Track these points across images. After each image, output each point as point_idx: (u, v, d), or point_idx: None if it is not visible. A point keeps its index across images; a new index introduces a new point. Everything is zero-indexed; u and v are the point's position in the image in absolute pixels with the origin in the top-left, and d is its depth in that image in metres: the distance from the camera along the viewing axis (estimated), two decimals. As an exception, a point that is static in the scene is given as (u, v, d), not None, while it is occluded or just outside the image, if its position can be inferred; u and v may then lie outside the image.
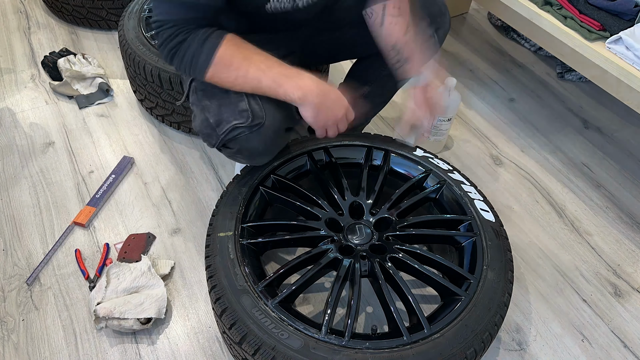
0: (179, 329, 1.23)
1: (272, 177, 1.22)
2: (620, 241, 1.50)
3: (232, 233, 1.07)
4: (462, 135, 1.78)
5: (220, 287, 0.99)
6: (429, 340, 0.94)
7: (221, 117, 1.07)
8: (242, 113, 1.05)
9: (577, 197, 1.61)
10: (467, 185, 1.23)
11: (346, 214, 1.19)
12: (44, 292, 1.28)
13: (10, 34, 2.09)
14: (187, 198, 1.52)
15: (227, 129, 1.07)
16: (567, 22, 1.45)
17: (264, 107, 1.06)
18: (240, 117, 1.05)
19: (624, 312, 1.33)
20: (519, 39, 2.21)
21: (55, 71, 1.84)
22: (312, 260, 1.09)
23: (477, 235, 1.12)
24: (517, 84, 2.01)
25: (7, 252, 1.36)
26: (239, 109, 1.06)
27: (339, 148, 1.29)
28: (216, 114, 1.08)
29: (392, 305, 1.01)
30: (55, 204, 1.48)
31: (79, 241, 1.39)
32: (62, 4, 2.06)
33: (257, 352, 0.91)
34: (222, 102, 1.07)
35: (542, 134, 1.81)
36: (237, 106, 1.06)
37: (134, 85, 1.68)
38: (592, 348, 1.26)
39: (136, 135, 1.70)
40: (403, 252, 1.11)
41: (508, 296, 1.04)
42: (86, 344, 1.19)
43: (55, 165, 1.59)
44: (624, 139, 1.82)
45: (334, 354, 0.90)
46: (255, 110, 1.05)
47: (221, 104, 1.08)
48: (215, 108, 1.08)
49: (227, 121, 1.06)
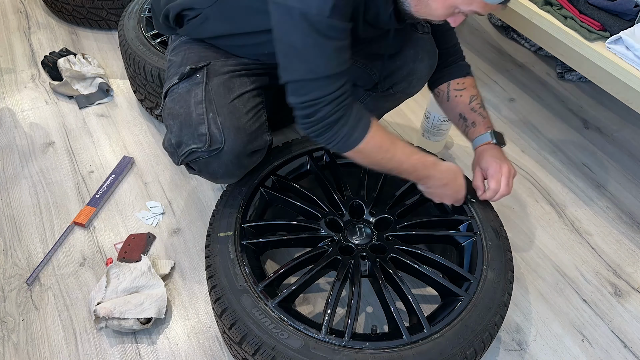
0: (179, 329, 1.23)
1: (272, 177, 1.22)
2: (620, 241, 1.50)
3: (232, 233, 1.08)
4: (462, 135, 1.78)
5: (220, 287, 0.99)
6: (429, 340, 0.94)
7: (181, 139, 1.06)
8: (201, 137, 1.03)
9: (577, 197, 1.61)
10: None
11: (346, 214, 1.19)
12: (44, 292, 1.28)
13: (10, 34, 2.09)
14: (187, 198, 1.51)
15: (186, 151, 1.06)
16: (567, 22, 1.45)
17: (225, 131, 1.03)
18: (199, 141, 1.04)
19: (624, 312, 1.33)
20: (519, 39, 2.21)
21: (55, 71, 1.84)
22: (312, 261, 1.09)
23: (477, 235, 1.12)
24: (517, 84, 2.01)
25: (7, 252, 1.36)
26: (197, 132, 1.04)
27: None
28: (177, 135, 1.06)
29: (392, 305, 1.01)
30: (55, 204, 1.48)
31: (79, 241, 1.39)
32: (62, 4, 2.06)
33: (257, 352, 0.91)
34: (183, 123, 1.05)
35: (542, 134, 1.81)
36: (196, 129, 1.04)
37: (134, 85, 1.68)
38: (592, 348, 1.26)
39: (136, 135, 1.70)
40: (403, 252, 1.11)
41: (508, 296, 1.04)
42: (86, 344, 1.19)
43: (55, 165, 1.59)
44: (624, 139, 1.81)
45: (334, 354, 0.90)
46: (214, 135, 1.03)
47: (182, 125, 1.06)
48: (176, 129, 1.06)
49: (185, 144, 1.05)
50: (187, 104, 1.06)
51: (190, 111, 1.05)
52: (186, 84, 1.08)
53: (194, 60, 1.12)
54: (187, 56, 1.13)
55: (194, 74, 1.09)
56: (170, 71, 1.15)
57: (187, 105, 1.06)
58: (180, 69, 1.10)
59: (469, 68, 1.29)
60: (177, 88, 1.09)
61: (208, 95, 1.06)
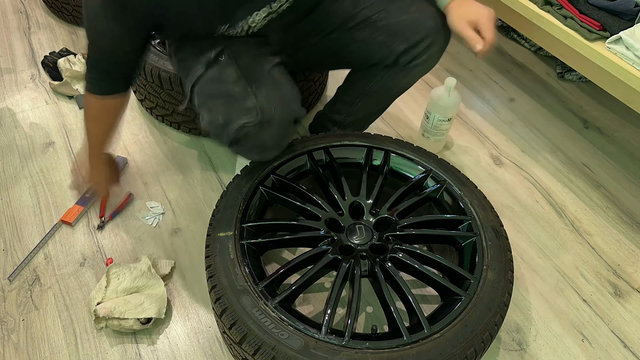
0: (179, 329, 1.23)
1: (272, 177, 1.22)
2: (620, 241, 1.50)
3: (232, 233, 1.07)
4: (462, 135, 1.78)
5: (220, 287, 0.99)
6: (429, 340, 0.94)
7: (230, 116, 1.08)
8: (250, 110, 1.06)
9: (577, 197, 1.61)
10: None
11: (346, 214, 1.19)
12: (44, 292, 1.28)
13: (10, 34, 2.09)
14: (187, 198, 1.52)
15: (237, 127, 1.07)
16: (567, 22, 1.45)
17: (272, 101, 1.07)
18: (249, 115, 1.06)
19: (624, 312, 1.33)
20: (519, 39, 2.21)
21: (55, 71, 1.84)
22: (312, 260, 1.09)
23: (477, 235, 1.12)
24: (517, 84, 2.01)
25: (7, 252, 1.36)
26: (246, 106, 1.06)
27: (339, 148, 1.29)
28: (224, 113, 1.08)
29: (392, 305, 1.01)
30: (55, 204, 1.48)
31: (79, 241, 1.39)
32: (62, 4, 2.06)
33: (257, 352, 0.91)
34: (228, 100, 1.08)
35: (542, 134, 1.81)
36: (243, 104, 1.06)
37: (134, 85, 1.68)
38: (592, 348, 1.26)
39: (136, 135, 1.69)
40: (403, 252, 1.11)
41: (508, 296, 1.04)
42: (86, 344, 1.19)
43: (55, 165, 1.59)
44: (624, 139, 1.82)
45: (334, 354, 0.90)
46: (264, 106, 1.06)
47: (228, 102, 1.08)
48: (222, 107, 1.09)
49: (235, 120, 1.07)
50: (225, 84, 1.09)
51: (231, 89, 1.08)
52: (214, 69, 1.11)
53: (207, 47, 1.13)
54: (197, 48, 1.15)
55: (218, 57, 1.11)
56: (187, 63, 1.16)
57: (224, 85, 1.08)
58: (204, 58, 1.12)
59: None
60: (206, 75, 1.12)
61: (243, 72, 1.09)
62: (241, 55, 1.12)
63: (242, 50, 1.13)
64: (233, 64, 1.11)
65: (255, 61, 1.12)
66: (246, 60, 1.12)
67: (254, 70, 1.10)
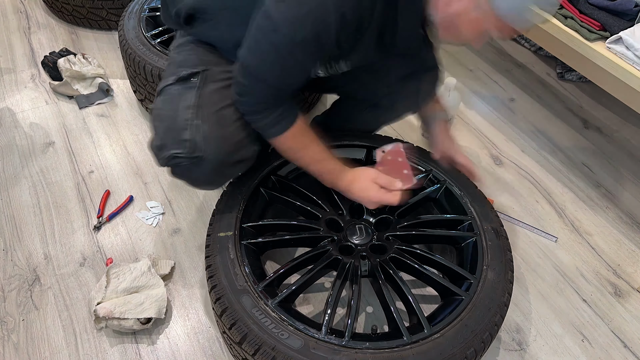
0: (179, 329, 1.23)
1: (272, 177, 1.22)
2: (620, 241, 1.50)
3: (232, 233, 1.07)
4: (462, 135, 1.78)
5: (221, 287, 0.99)
6: (429, 340, 0.94)
7: (164, 142, 1.04)
8: (183, 143, 1.01)
9: (577, 197, 1.61)
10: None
11: (346, 214, 1.19)
12: (44, 292, 1.28)
13: (10, 34, 2.09)
14: (187, 198, 1.52)
15: (168, 155, 1.03)
16: (567, 22, 1.45)
17: (207, 140, 1.02)
18: (181, 147, 1.02)
19: (624, 312, 1.33)
20: (519, 39, 2.21)
21: (55, 71, 1.84)
22: (312, 260, 1.09)
23: (477, 235, 1.12)
24: (517, 84, 2.01)
25: (7, 252, 1.36)
26: (180, 137, 1.02)
27: (339, 148, 1.29)
28: (161, 138, 1.05)
29: (392, 305, 1.01)
30: (55, 204, 1.48)
31: (79, 241, 1.39)
32: (62, 4, 2.06)
33: (257, 352, 0.91)
34: (168, 126, 1.04)
35: (542, 134, 1.81)
36: (179, 134, 1.02)
37: (134, 85, 1.68)
38: (592, 348, 1.26)
39: (136, 135, 1.69)
40: (403, 252, 1.11)
41: (508, 296, 1.04)
42: (86, 344, 1.19)
43: (55, 165, 1.59)
44: (624, 139, 1.82)
45: (334, 354, 0.90)
46: (197, 142, 1.01)
47: (167, 129, 1.04)
48: (161, 131, 1.05)
49: (168, 148, 1.03)
50: (176, 107, 1.05)
51: (177, 115, 1.04)
52: (180, 86, 1.07)
53: (195, 62, 1.11)
54: (188, 57, 1.13)
55: (191, 77, 1.08)
56: (169, 69, 1.14)
57: (175, 108, 1.04)
58: (179, 70, 1.09)
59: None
60: (170, 88, 1.08)
61: (199, 100, 1.05)
62: (212, 82, 1.08)
63: (218, 77, 1.09)
64: (198, 89, 1.07)
65: (219, 93, 1.06)
66: (211, 89, 1.07)
67: (209, 103, 1.05)
